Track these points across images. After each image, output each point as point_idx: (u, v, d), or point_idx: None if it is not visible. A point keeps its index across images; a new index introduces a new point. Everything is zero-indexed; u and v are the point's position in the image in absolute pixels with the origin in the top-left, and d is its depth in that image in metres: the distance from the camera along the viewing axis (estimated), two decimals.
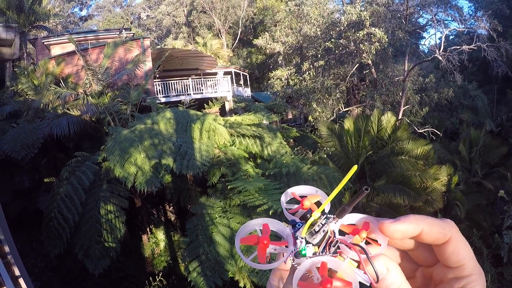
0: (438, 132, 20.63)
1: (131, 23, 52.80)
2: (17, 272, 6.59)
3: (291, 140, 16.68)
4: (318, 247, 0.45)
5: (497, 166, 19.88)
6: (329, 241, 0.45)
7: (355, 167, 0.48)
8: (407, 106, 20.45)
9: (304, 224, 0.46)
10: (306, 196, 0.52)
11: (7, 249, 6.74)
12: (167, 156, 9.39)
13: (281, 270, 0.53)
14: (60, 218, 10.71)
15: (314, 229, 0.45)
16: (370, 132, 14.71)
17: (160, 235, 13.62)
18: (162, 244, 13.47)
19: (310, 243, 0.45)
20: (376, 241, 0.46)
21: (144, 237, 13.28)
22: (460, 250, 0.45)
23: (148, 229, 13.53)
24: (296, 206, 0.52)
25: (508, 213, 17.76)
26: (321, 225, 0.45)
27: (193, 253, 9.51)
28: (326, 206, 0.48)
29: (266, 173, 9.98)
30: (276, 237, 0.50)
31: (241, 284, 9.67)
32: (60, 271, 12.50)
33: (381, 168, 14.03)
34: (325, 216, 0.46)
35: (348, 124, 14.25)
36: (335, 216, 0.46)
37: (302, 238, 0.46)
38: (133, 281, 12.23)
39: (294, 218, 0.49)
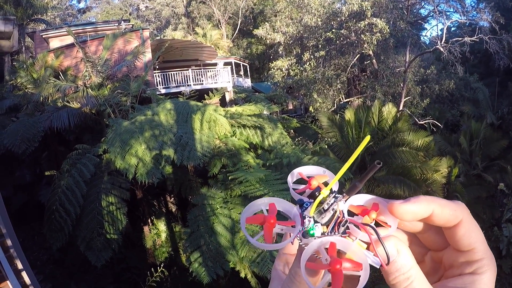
0: (439, 124, 20.60)
1: (130, 14, 52.35)
2: (19, 265, 6.62)
3: (292, 131, 16.66)
4: (327, 227, 0.43)
5: (497, 159, 19.91)
6: (338, 221, 0.43)
7: (368, 138, 0.46)
8: (408, 98, 20.40)
9: (312, 203, 0.44)
10: (313, 177, 0.49)
11: (9, 242, 6.76)
12: (168, 147, 9.39)
13: (286, 255, 0.52)
14: (61, 211, 10.74)
15: (323, 208, 0.43)
16: (371, 123, 14.71)
17: (162, 226, 13.68)
18: (163, 235, 13.54)
19: (319, 222, 0.43)
20: (386, 223, 0.44)
21: (146, 229, 13.33)
22: (471, 233, 0.43)
23: (149, 220, 13.58)
24: (303, 186, 0.50)
25: (508, 206, 17.81)
26: (330, 204, 0.43)
27: (194, 243, 9.55)
28: (335, 184, 0.46)
29: (267, 164, 9.99)
30: (283, 217, 0.48)
31: (242, 275, 9.74)
32: (62, 263, 12.58)
33: (381, 159, 14.04)
34: (334, 194, 0.44)
35: (349, 115, 14.23)
36: (345, 194, 0.44)
37: (310, 217, 0.44)
38: (135, 272, 12.31)
39: (302, 197, 0.47)
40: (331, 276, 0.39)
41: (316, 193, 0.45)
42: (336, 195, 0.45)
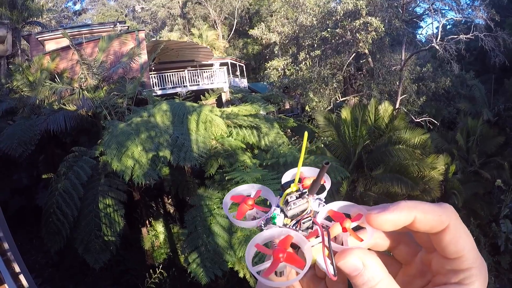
0: (436, 122, 20.70)
1: (126, 16, 52.23)
2: (17, 268, 6.60)
3: (288, 130, 16.68)
4: (291, 220, 0.44)
5: (494, 155, 20.02)
6: (303, 218, 0.44)
7: (306, 134, 0.49)
8: (404, 96, 20.47)
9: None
10: (307, 177, 0.50)
11: (6, 246, 6.75)
12: (164, 148, 9.39)
13: None
14: (59, 214, 10.71)
15: (287, 200, 0.44)
16: (367, 121, 14.73)
17: (160, 227, 13.67)
18: (161, 237, 13.53)
19: (285, 213, 0.44)
20: (362, 230, 0.44)
21: (144, 230, 13.33)
22: (459, 239, 0.39)
23: (147, 222, 13.58)
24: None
25: (505, 202, 17.89)
26: (294, 198, 0.44)
27: (192, 244, 9.56)
28: (327, 184, 0.49)
29: (264, 164, 10.00)
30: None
31: (241, 275, 9.75)
32: (61, 266, 12.55)
33: (378, 157, 14.09)
34: (303, 191, 0.45)
35: (345, 113, 14.26)
36: (308, 193, 0.45)
37: (277, 206, 0.45)
38: (133, 274, 12.30)
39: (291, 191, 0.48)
40: (271, 262, 0.40)
41: (286, 185, 0.46)
42: (303, 191, 0.46)
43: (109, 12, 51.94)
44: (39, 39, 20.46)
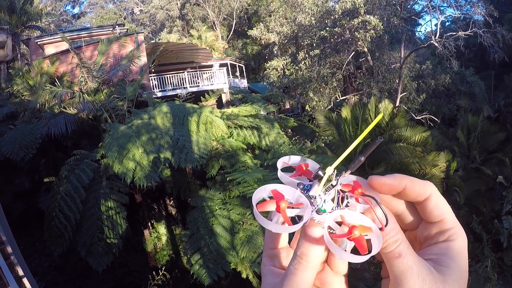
0: (436, 119, 20.66)
1: (125, 18, 52.32)
2: (20, 272, 6.63)
3: (289, 130, 16.69)
4: (333, 202, 0.47)
5: (495, 152, 20.00)
6: (341, 196, 0.47)
7: (381, 115, 0.55)
8: (404, 93, 20.46)
9: (314, 183, 0.47)
10: (302, 164, 0.52)
11: (9, 249, 6.78)
12: (165, 150, 9.41)
13: (273, 250, 0.55)
14: (61, 217, 10.73)
15: (331, 185, 0.47)
16: (367, 120, 14.73)
17: (162, 229, 13.69)
18: (164, 238, 13.54)
19: (326, 199, 0.47)
20: (370, 196, 0.48)
21: (146, 232, 13.34)
22: (440, 205, 0.49)
23: (149, 224, 13.59)
24: (290, 174, 0.52)
25: (507, 198, 17.88)
26: (337, 180, 0.47)
27: (194, 246, 9.56)
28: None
29: (265, 164, 10.01)
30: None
31: (244, 275, 9.75)
32: (64, 269, 12.58)
33: (379, 155, 14.07)
34: (335, 172, 0.47)
35: (345, 112, 14.27)
36: (349, 168, 0.48)
37: (319, 195, 0.47)
38: (136, 276, 12.31)
39: (301, 181, 0.50)
40: (353, 242, 0.44)
41: (320, 172, 0.47)
42: (336, 173, 0.48)
43: (108, 15, 52.00)
44: (38, 43, 20.52)
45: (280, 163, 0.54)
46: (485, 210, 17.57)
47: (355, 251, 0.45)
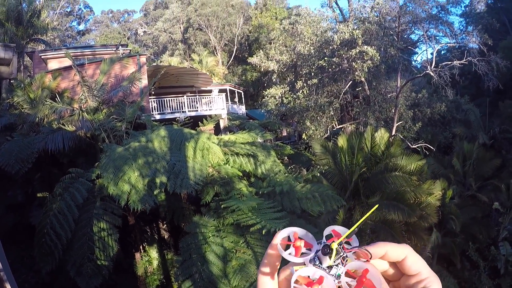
0: (432, 147, 20.76)
1: (128, 38, 53.30)
2: None
3: (286, 158, 16.75)
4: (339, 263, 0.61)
5: (491, 178, 20.05)
6: (342, 257, 0.61)
7: (376, 206, 0.75)
8: (400, 122, 20.64)
9: (322, 256, 0.60)
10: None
11: None
12: (161, 174, 9.41)
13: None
14: (52, 235, 10.60)
15: (339, 255, 0.60)
16: (363, 149, 14.81)
17: (153, 253, 13.50)
18: (155, 263, 13.33)
19: (336, 264, 0.60)
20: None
21: (137, 255, 13.14)
22: (416, 262, 0.62)
23: (141, 247, 13.41)
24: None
25: (503, 224, 17.82)
26: (341, 250, 0.61)
27: (186, 272, 9.43)
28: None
29: (260, 192, 10.01)
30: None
31: None
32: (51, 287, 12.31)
33: (375, 184, 14.09)
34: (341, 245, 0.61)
35: (341, 141, 14.35)
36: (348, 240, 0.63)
37: (334, 265, 0.60)
38: None
39: (308, 256, 0.62)
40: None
41: (325, 248, 0.61)
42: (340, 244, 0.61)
43: (112, 34, 52.92)
44: (42, 57, 20.78)
45: (282, 242, 0.66)
46: (481, 237, 17.50)
47: None
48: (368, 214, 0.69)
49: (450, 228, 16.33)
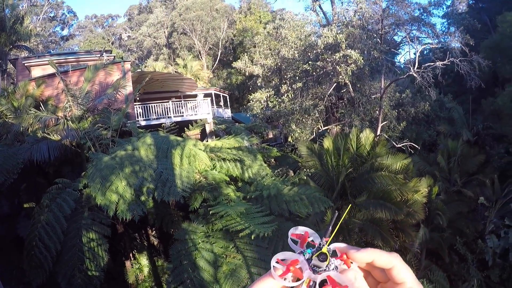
0: (416, 146, 21.10)
1: (112, 43, 52.77)
2: None
3: (272, 160, 16.84)
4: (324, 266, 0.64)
5: (475, 174, 20.41)
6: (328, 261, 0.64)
7: (350, 206, 0.75)
8: (385, 122, 20.90)
9: (312, 251, 0.65)
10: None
11: None
12: (148, 183, 9.42)
13: None
14: (41, 247, 10.51)
15: (324, 254, 0.64)
16: (349, 149, 15.01)
17: (144, 260, 13.45)
18: (146, 270, 13.29)
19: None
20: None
21: (128, 263, 13.08)
22: (402, 272, 0.65)
23: (131, 254, 13.34)
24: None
25: (490, 218, 18.27)
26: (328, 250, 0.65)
27: (177, 279, 9.47)
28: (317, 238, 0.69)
29: (248, 196, 10.09)
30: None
31: None
32: None
33: (361, 184, 14.29)
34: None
35: (327, 143, 14.51)
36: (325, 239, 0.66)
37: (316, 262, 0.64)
38: None
39: (301, 249, 0.68)
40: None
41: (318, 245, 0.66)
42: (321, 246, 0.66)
43: (96, 39, 52.33)
44: (25, 64, 20.42)
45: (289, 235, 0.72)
46: (468, 231, 17.86)
47: None
48: (343, 218, 0.72)
49: (437, 224, 16.63)
